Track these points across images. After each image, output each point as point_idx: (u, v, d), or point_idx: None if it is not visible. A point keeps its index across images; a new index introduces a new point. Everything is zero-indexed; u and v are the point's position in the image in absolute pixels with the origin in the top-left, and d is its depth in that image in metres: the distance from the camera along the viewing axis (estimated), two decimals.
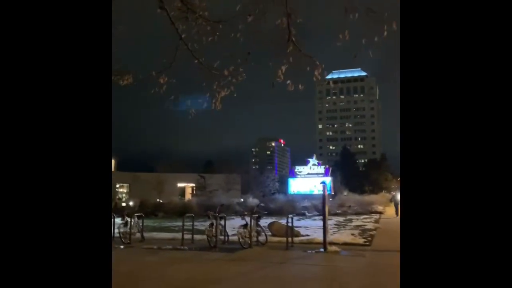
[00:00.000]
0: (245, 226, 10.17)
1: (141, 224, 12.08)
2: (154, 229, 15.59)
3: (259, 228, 10.79)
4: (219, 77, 4.05)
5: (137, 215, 12.20)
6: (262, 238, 10.78)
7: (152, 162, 59.10)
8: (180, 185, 57.58)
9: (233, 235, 10.89)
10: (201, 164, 76.29)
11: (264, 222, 15.70)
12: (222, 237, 10.87)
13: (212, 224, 10.47)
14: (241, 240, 9.90)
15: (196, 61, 4.19)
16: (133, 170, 59.01)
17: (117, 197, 53.88)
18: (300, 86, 4.04)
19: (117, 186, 57.92)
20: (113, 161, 67.01)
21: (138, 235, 11.80)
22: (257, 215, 10.81)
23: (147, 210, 26.80)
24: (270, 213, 25.09)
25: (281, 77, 3.90)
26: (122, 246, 10.53)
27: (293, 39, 3.88)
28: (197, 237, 11.25)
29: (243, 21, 3.76)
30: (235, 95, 4.04)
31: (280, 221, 13.05)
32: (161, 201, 31.90)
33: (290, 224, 10.63)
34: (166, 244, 10.85)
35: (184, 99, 4.42)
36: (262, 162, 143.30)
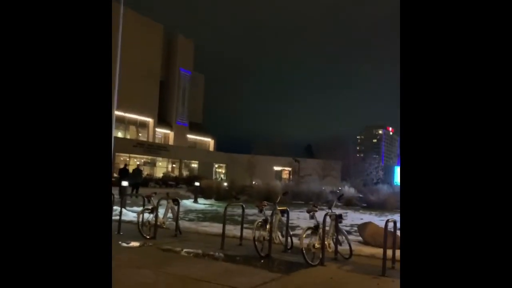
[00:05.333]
0: (314, 229, 6.38)
1: (175, 211, 8.93)
2: (216, 218, 12.52)
3: (339, 235, 6.84)
4: None
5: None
6: (344, 247, 6.87)
7: (252, 144, 57.73)
8: (276, 168, 55.20)
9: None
10: (301, 149, 73.17)
11: (359, 217, 11.59)
12: (283, 238, 7.26)
13: (265, 222, 6.89)
14: (305, 252, 6.11)
15: None
16: (231, 151, 58.39)
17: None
18: None
19: (216, 166, 57.78)
20: (212, 142, 67.63)
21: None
22: (335, 213, 6.85)
23: (231, 193, 24.49)
24: (370, 206, 20.79)
25: None
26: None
27: None
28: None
29: None
30: None
31: (381, 219, 8.88)
32: (255, 183, 29.38)
33: (394, 229, 6.58)
34: (205, 243, 7.60)
35: None
36: (368, 150, 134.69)
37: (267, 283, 4.99)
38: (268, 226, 6.81)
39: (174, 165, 52.11)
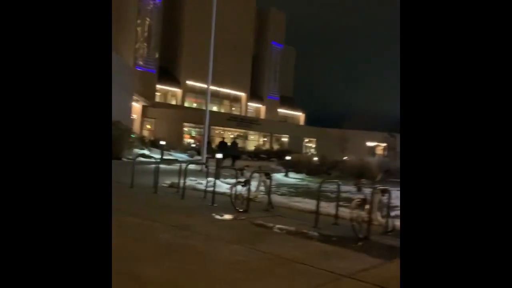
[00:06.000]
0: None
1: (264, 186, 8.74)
2: (308, 193, 12.20)
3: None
4: None
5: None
6: None
7: (341, 118, 56.12)
8: (369, 144, 53.03)
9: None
10: (397, 124, 69.10)
11: None
12: (383, 220, 6.66)
13: (363, 201, 6.34)
14: None
15: None
16: (322, 125, 57.34)
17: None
18: None
19: (306, 140, 57.38)
20: (302, 116, 67.02)
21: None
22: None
23: (322, 168, 24.01)
24: None
25: None
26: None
27: None
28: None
29: None
30: None
31: None
32: (347, 158, 28.47)
33: None
34: (298, 219, 7.33)
35: None
36: None
37: (368, 270, 4.52)
38: (367, 206, 6.27)
39: (265, 139, 52.84)
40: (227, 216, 7.28)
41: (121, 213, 6.69)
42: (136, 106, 40.22)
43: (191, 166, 11.95)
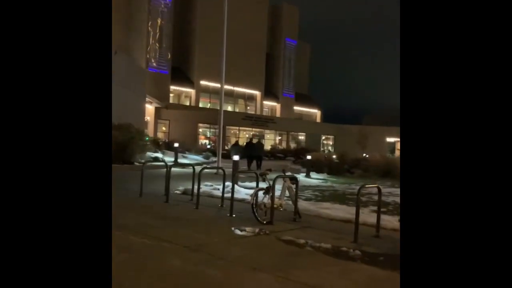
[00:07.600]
0: None
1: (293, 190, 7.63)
2: (336, 197, 11.07)
3: None
4: None
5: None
6: None
7: (359, 114, 54.67)
8: (389, 140, 51.42)
9: None
10: None
11: None
12: None
13: None
14: None
15: None
16: (339, 122, 55.95)
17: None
18: None
19: (323, 138, 56.00)
20: (318, 113, 65.64)
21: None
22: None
23: (343, 166, 22.82)
24: None
25: None
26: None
27: None
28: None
29: None
30: None
31: None
32: (366, 155, 27.13)
33: None
34: (332, 232, 6.24)
35: None
36: None
37: None
38: None
39: (281, 138, 51.68)
40: (249, 230, 6.21)
41: (124, 230, 5.68)
42: (150, 108, 39.54)
43: (206, 169, 10.93)
